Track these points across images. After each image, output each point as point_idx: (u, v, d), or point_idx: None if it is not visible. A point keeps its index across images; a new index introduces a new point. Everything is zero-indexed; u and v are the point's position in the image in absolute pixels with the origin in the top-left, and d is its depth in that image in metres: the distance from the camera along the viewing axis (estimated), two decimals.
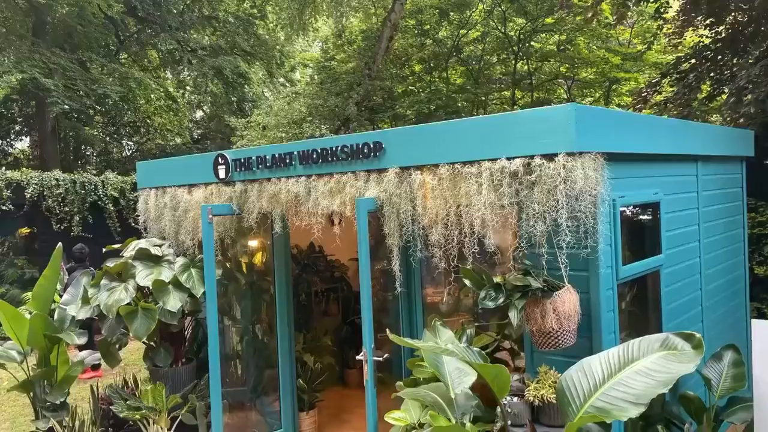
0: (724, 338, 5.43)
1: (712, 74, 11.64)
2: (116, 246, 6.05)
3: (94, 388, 6.06)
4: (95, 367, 8.71)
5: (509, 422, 3.68)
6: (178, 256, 5.84)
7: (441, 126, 4.18)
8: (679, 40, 13.25)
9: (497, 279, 3.90)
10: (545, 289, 3.73)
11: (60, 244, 5.80)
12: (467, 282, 3.97)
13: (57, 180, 12.80)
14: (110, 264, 5.64)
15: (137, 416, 5.36)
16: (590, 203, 3.59)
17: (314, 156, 4.78)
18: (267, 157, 5.12)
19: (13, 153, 23.82)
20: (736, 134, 6.26)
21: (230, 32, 22.99)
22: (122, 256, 5.76)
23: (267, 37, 23.57)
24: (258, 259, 6.13)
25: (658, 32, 14.15)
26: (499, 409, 3.17)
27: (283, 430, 5.76)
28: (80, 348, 7.52)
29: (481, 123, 3.96)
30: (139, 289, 5.65)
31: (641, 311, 4.66)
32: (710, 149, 5.43)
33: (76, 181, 13.14)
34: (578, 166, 3.51)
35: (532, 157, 3.67)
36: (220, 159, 5.53)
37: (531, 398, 3.71)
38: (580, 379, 2.56)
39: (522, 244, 3.80)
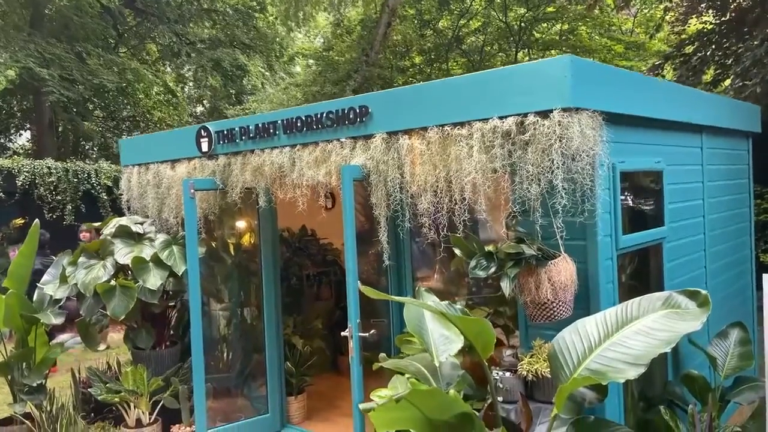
0: (729, 319, 5.17)
1: (716, 58, 11.39)
2: (96, 224, 5.83)
3: (76, 372, 5.85)
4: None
5: (500, 398, 3.46)
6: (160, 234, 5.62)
7: (430, 86, 3.94)
8: (682, 28, 13.01)
9: (489, 248, 3.67)
10: (540, 257, 3.50)
11: (37, 220, 5.59)
12: (457, 251, 3.75)
13: (49, 168, 12.57)
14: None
15: (116, 399, 5.13)
16: (588, 164, 3.35)
17: (299, 124, 4.55)
18: (250, 127, 4.90)
19: (12, 147, 23.65)
20: (742, 107, 6.01)
21: (230, 25, 22.77)
22: (101, 234, 5.54)
23: (267, 30, 23.35)
24: (244, 238, 5.90)
25: (665, 15, 13.88)
26: (490, 385, 2.94)
27: (270, 414, 5.53)
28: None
29: (471, 81, 3.72)
30: (121, 269, 5.44)
31: (642, 286, 4.42)
32: (716, 120, 5.19)
33: (69, 169, 12.91)
34: (575, 122, 3.27)
35: (525, 114, 3.43)
36: (202, 131, 5.30)
37: (524, 373, 3.49)
38: (574, 342, 2.33)
39: (515, 210, 3.56)
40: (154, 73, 21.90)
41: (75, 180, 12.96)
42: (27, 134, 24.13)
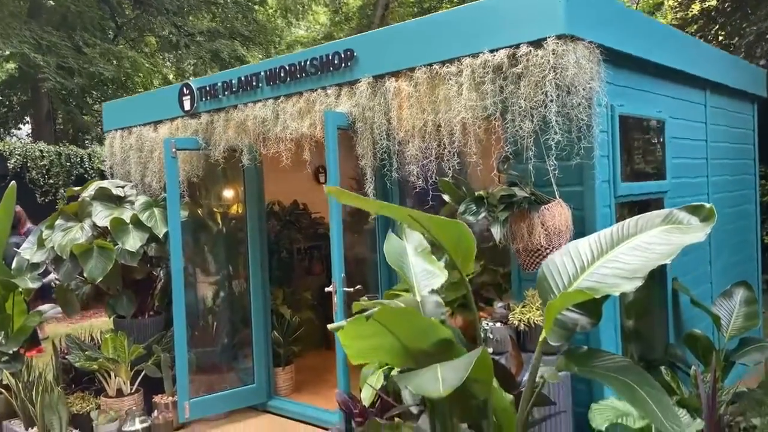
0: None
1: (719, 38, 11.17)
2: (77, 189, 5.63)
3: (56, 343, 5.65)
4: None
5: (491, 349, 3.25)
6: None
7: (417, 23, 3.75)
8: (684, 13, 12.80)
9: (480, 192, 3.46)
10: (532, 200, 3.29)
11: (13, 182, 5.39)
12: (446, 197, 3.54)
13: (41, 151, 12.39)
14: None
15: (94, 366, 4.93)
16: (584, 98, 3.14)
17: (282, 74, 4.35)
18: (233, 81, 4.70)
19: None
20: (747, 68, 5.80)
21: (229, 18, 22.62)
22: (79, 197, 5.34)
23: (267, 24, 23.18)
24: (229, 202, 5.70)
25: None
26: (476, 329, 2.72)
27: (256, 384, 5.32)
28: None
29: (460, 14, 3.51)
30: (101, 234, 5.23)
31: None
32: (720, 76, 4.96)
33: (62, 153, 12.73)
34: (569, 51, 3.06)
35: (517, 46, 3.23)
36: (185, 89, 5.11)
37: (516, 322, 3.28)
38: (565, 263, 2.12)
39: (507, 150, 3.36)
40: (152, 63, 21.71)
41: (68, 164, 12.77)
42: (27, 128, 23.96)
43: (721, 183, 5.18)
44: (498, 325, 3.34)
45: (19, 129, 24.11)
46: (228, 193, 5.68)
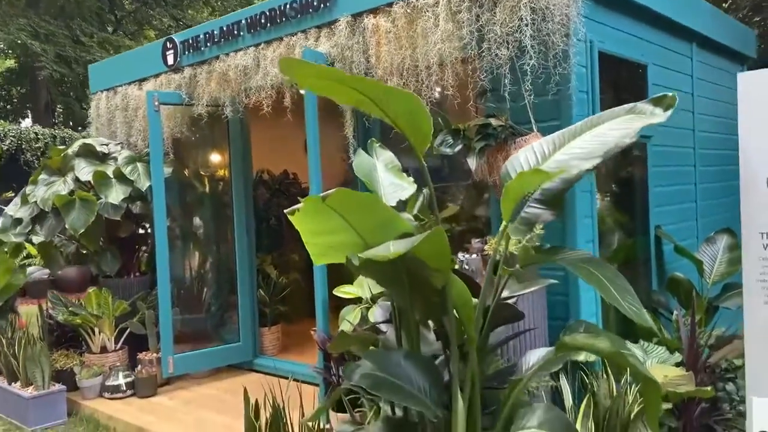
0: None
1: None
2: (62, 147, 5.61)
3: (42, 304, 5.64)
4: None
5: None
6: None
7: None
8: None
9: (456, 125, 3.44)
10: (509, 131, 3.27)
11: None
12: None
13: (36, 134, 12.41)
14: None
15: (78, 321, 4.91)
16: (560, 24, 3.11)
17: (263, 20, 4.33)
18: (215, 31, 4.68)
19: None
20: (736, 26, 5.75)
21: (228, 12, 22.64)
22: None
23: None
24: (215, 165, 5.68)
25: None
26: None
27: (242, 343, 5.30)
28: None
29: None
30: (86, 191, 5.21)
31: (625, 189, 4.19)
32: (708, 30, 4.91)
33: (57, 136, 12.76)
34: None
35: None
36: (168, 44, 5.09)
37: (491, 253, 3.24)
38: (528, 158, 2.09)
39: (483, 79, 3.33)
40: None
41: (63, 147, 12.78)
42: (27, 122, 24.03)
43: (709, 140, 5.14)
44: (474, 256, 3.31)
45: (19, 123, 24.17)
46: (213, 155, 5.66)
